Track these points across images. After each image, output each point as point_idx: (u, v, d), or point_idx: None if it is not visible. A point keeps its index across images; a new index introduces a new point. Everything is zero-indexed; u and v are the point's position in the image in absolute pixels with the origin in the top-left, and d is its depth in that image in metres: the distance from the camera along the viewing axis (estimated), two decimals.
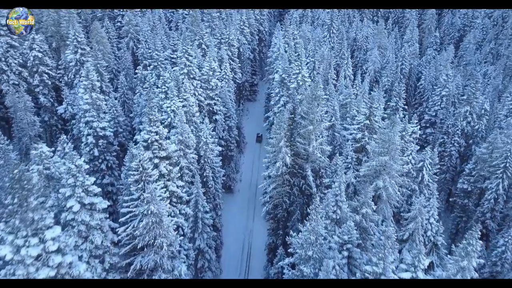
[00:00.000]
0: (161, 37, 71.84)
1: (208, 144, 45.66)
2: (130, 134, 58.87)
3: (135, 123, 55.75)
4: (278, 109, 59.22)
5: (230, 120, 65.29)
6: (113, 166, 50.89)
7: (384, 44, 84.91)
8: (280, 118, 39.60)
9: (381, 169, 39.04)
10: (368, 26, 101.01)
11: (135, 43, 78.45)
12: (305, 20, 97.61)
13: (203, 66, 60.31)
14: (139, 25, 79.14)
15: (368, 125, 44.26)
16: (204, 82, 59.72)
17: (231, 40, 76.02)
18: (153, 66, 61.65)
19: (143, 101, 54.32)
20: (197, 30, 71.40)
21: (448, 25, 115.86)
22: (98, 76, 56.10)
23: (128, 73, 69.19)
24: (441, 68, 76.88)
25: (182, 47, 56.30)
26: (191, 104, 48.24)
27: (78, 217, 29.02)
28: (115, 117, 53.55)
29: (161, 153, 35.54)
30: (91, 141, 47.73)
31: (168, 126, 46.40)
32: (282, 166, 40.29)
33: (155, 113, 34.67)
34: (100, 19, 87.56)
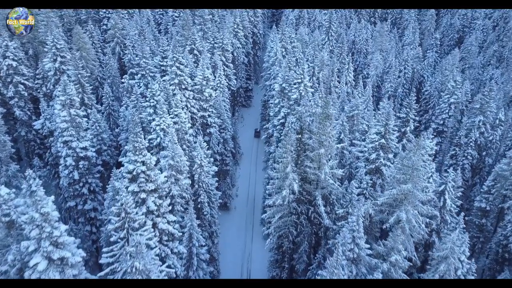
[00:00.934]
0: (150, 42, 65.77)
1: (203, 167, 39.83)
2: (116, 150, 52.88)
3: (121, 139, 49.72)
4: (278, 121, 53.52)
5: (225, 132, 59.51)
6: (96, 190, 44.89)
7: (386, 48, 79.60)
8: (287, 140, 33.91)
9: (402, 197, 33.65)
10: (367, 27, 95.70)
11: (122, 48, 72.16)
12: (301, 22, 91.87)
13: (196, 75, 54.37)
14: (126, 28, 72.83)
15: (383, 145, 38.79)
16: (197, 92, 53.83)
17: (225, 44, 70.13)
18: (141, 75, 55.57)
19: (129, 115, 48.29)
20: (189, 34, 65.38)
21: (447, 26, 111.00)
22: (79, 88, 49.97)
23: (114, 81, 63.03)
24: (447, 73, 71.81)
25: (173, 54, 50.33)
26: (183, 120, 42.37)
27: (45, 276, 23.08)
28: (98, 134, 47.47)
29: (148, 185, 29.68)
30: (70, 163, 41.69)
31: (157, 146, 40.51)
32: (289, 194, 34.65)
33: (140, 139, 28.79)
34: (85, 22, 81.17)
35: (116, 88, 62.36)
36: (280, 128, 53.64)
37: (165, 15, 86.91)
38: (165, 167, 36.06)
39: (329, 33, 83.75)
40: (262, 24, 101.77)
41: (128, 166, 28.95)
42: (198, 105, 54.05)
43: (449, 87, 66.01)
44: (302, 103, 50.69)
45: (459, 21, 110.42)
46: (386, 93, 73.98)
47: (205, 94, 53.81)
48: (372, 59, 78.72)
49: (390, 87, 73.84)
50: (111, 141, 52.05)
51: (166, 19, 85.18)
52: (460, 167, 56.90)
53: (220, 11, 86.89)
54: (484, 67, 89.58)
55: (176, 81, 50.51)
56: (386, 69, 76.92)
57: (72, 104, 40.88)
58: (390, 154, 39.69)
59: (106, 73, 63.04)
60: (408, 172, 32.86)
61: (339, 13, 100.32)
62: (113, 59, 69.14)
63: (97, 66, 65.76)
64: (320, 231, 38.70)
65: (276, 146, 53.54)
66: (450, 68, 71.85)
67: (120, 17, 75.39)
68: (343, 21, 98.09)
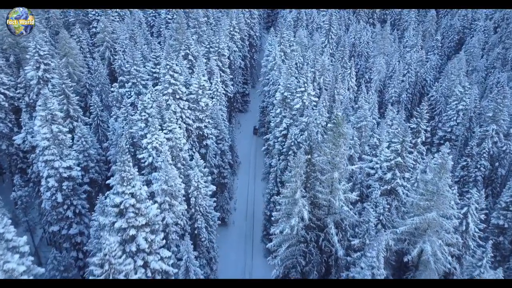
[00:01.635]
0: (141, 47, 61.22)
1: (199, 189, 35.52)
2: (105, 165, 48.40)
3: (110, 154, 45.24)
4: (280, 132, 49.27)
5: (222, 143, 55.18)
6: (82, 212, 40.40)
7: (388, 51, 75.60)
8: (296, 162, 29.69)
9: (425, 226, 29.65)
10: (367, 29, 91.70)
11: (112, 53, 67.50)
12: (300, 24, 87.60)
13: (191, 83, 50.00)
14: (116, 32, 68.19)
15: (399, 163, 34.73)
16: (193, 102, 49.45)
17: (221, 49, 65.73)
18: (132, 83, 51.09)
19: (118, 129, 43.82)
20: (183, 38, 60.88)
21: (447, 27, 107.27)
22: (64, 99, 45.37)
23: (104, 89, 58.32)
24: (453, 77, 67.96)
25: (166, 61, 45.88)
26: (177, 136, 37.98)
27: None
28: (84, 150, 42.94)
29: (139, 220, 25.34)
30: (53, 185, 37.18)
31: (149, 166, 36.11)
32: (298, 222, 30.46)
33: (129, 168, 24.43)
34: (74, 24, 76.35)
35: (106, 96, 57.74)
36: (282, 140, 49.47)
37: (158, 17, 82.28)
38: (158, 192, 31.73)
39: (329, 35, 79.65)
40: (258, 26, 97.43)
41: (114, 199, 24.58)
42: (193, 116, 49.70)
43: (456, 93, 62.14)
44: (305, 113, 46.58)
45: (459, 22, 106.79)
46: (390, 99, 70.04)
47: (201, 104, 49.46)
48: (374, 62, 74.74)
49: (394, 92, 69.92)
50: (100, 155, 47.55)
51: (159, 21, 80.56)
52: (472, 179, 53.17)
53: (215, 13, 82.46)
54: (487, 69, 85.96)
55: (170, 90, 46.11)
56: (389, 73, 72.92)
57: (54, 120, 36.35)
58: (406, 173, 35.68)
59: (95, 80, 58.34)
60: (432, 198, 28.88)
61: (338, 14, 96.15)
62: (102, 65, 64.48)
63: (85, 72, 61.07)
64: (330, 259, 34.59)
65: (278, 159, 49.43)
66: (457, 73, 68.00)
67: (110, 20, 70.61)
68: (342, 23, 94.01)
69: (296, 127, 47.15)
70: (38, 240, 48.54)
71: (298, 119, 48.25)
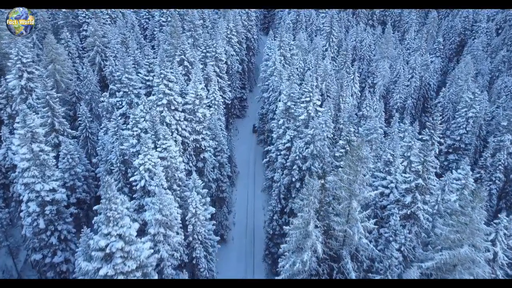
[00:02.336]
0: (134, 52, 56.90)
1: (198, 215, 31.47)
2: (94, 181, 44.25)
3: (99, 171, 41.04)
4: (283, 145, 45.28)
5: (221, 155, 51.20)
6: (68, 237, 36.24)
7: (391, 54, 71.82)
8: (309, 189, 25.71)
9: (456, 261, 25.84)
10: (368, 32, 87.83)
11: (103, 57, 63.15)
12: (299, 26, 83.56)
13: (187, 92, 45.90)
14: (107, 35, 63.82)
15: (420, 185, 30.92)
16: (189, 113, 45.37)
17: (219, 54, 61.61)
18: (123, 92, 46.88)
19: (108, 144, 39.62)
20: (178, 42, 56.71)
21: (447, 29, 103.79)
22: (49, 111, 41.12)
23: (93, 97, 54.11)
24: (460, 82, 64.35)
25: (160, 70, 41.71)
26: (173, 155, 33.88)
27: None
28: (71, 168, 38.75)
29: (128, 265, 21.28)
30: (34, 210, 33.00)
31: (141, 189, 31.98)
32: (311, 257, 26.54)
33: (115, 206, 20.34)
34: (63, 27, 71.92)
35: (96, 104, 53.54)
36: (286, 153, 45.48)
37: (152, 20, 77.93)
38: (151, 223, 27.67)
39: (330, 38, 75.74)
40: (256, 28, 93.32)
41: (99, 241, 20.49)
42: (190, 128, 45.64)
43: (466, 100, 58.49)
44: (311, 124, 42.58)
45: (460, 23, 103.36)
46: (394, 105, 66.32)
47: (198, 115, 45.39)
48: (378, 67, 70.95)
49: (399, 98, 66.19)
50: (88, 171, 43.37)
51: (153, 24, 76.22)
52: (487, 193, 49.56)
53: (211, 14, 78.32)
54: (492, 73, 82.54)
55: (164, 101, 41.98)
56: (393, 78, 69.15)
57: (34, 138, 32.13)
58: (427, 195, 31.89)
59: (84, 88, 54.05)
60: (464, 231, 25.06)
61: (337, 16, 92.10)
62: (93, 71, 60.28)
63: (74, 79, 56.75)
64: None
65: (282, 173, 45.47)
66: (464, 78, 64.42)
67: (101, 23, 66.16)
68: (342, 25, 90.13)
69: (301, 139, 43.16)
70: (21, 264, 44.24)
71: (302, 131, 44.26)
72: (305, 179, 28.33)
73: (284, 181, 44.13)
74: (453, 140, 59.83)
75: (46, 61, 51.87)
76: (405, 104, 67.12)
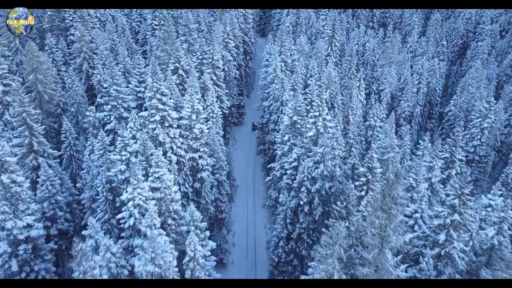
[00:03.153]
0: (124, 59, 51.77)
1: (197, 259, 26.58)
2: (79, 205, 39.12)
3: (84, 198, 36.00)
4: (289, 164, 40.51)
5: (220, 172, 46.39)
6: (46, 278, 31.17)
7: (397, 59, 67.24)
8: (333, 236, 20.94)
9: None
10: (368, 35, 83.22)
11: (91, 64, 57.87)
12: (299, 29, 78.71)
13: (183, 105, 40.98)
14: (95, 40, 58.56)
15: (456, 221, 26.28)
16: (185, 129, 40.43)
17: (216, 60, 56.59)
18: (112, 106, 41.81)
19: (94, 167, 34.60)
20: (172, 49, 51.69)
21: (449, 31, 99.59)
22: (26, 130, 35.96)
23: (80, 109, 48.90)
24: (472, 90, 60.00)
25: (152, 82, 36.69)
26: (167, 184, 28.92)
27: None
28: (51, 196, 33.64)
29: None
30: (5, 250, 27.95)
31: (130, 228, 27.02)
32: None
33: None
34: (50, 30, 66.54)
35: (83, 117, 48.37)
36: (292, 173, 40.77)
37: (144, 23, 72.65)
38: (141, 274, 22.77)
39: (332, 42, 71.03)
40: (253, 31, 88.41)
41: None
42: (186, 145, 40.71)
43: (480, 109, 54.16)
44: (320, 142, 37.85)
45: (463, 25, 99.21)
46: (402, 114, 61.82)
47: (195, 131, 40.47)
48: (383, 72, 66.36)
49: (408, 106, 61.68)
50: (72, 196, 38.25)
51: (145, 27, 70.97)
52: None
53: (206, 17, 73.24)
54: (498, 77, 78.40)
55: (157, 117, 36.97)
56: (400, 85, 64.63)
57: (4, 168, 27.06)
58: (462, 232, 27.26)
59: (69, 99, 48.88)
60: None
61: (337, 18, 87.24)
62: (80, 80, 55.24)
63: (59, 89, 51.60)
64: None
65: (288, 195, 40.72)
66: (476, 85, 60.08)
67: (89, 28, 60.82)
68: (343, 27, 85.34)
69: (310, 158, 38.44)
70: None
71: (311, 149, 39.51)
72: (328, 222, 23.52)
73: (291, 204, 39.45)
74: (466, 152, 55.46)
75: (27, 71, 46.64)
76: (413, 112, 62.66)
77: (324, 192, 38.63)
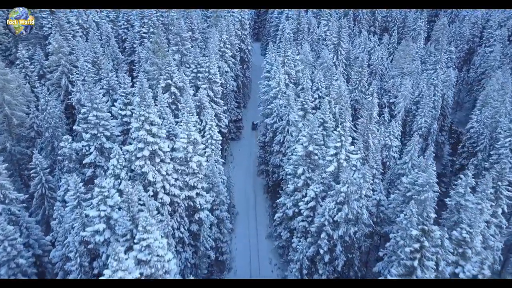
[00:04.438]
0: (107, 74, 44.30)
1: None
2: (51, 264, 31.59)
3: (55, 257, 28.55)
4: (306, 204, 33.48)
5: (220, 207, 39.34)
6: None
7: (410, 69, 60.64)
8: None
9: None
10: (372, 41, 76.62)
11: (70, 79, 50.27)
12: (300, 36, 71.69)
13: (177, 133, 33.83)
14: (75, 52, 50.93)
15: None
16: (180, 162, 33.24)
17: (213, 74, 49.39)
18: (91, 135, 34.38)
19: (68, 219, 27.24)
20: (163, 63, 44.36)
21: (455, 36, 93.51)
22: None
23: (56, 134, 41.52)
24: (496, 104, 53.61)
25: (139, 111, 29.41)
26: (159, 253, 21.68)
27: None
28: (10, 259, 26.16)
29: None
30: None
31: None
32: None
33: None
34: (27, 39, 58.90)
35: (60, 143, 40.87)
36: (309, 214, 33.75)
37: (131, 30, 65.00)
38: None
39: (338, 51, 64.24)
40: (250, 38, 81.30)
41: None
42: (181, 181, 33.52)
43: (510, 126, 47.72)
44: (343, 178, 30.95)
45: (468, 30, 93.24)
46: (418, 130, 55.22)
47: (191, 165, 33.24)
48: (395, 84, 59.66)
49: (424, 122, 55.08)
50: (43, 247, 30.80)
51: (132, 35, 63.31)
52: None
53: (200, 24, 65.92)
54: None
55: (146, 152, 29.70)
56: (415, 97, 57.99)
57: None
58: None
59: (43, 122, 41.37)
60: None
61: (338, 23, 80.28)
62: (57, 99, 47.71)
63: (33, 109, 44.06)
64: None
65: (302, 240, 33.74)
66: (500, 98, 53.70)
67: (68, 38, 53.14)
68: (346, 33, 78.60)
69: (331, 197, 31.52)
70: None
71: (332, 185, 32.60)
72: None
73: (309, 253, 32.48)
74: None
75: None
76: (430, 129, 56.12)
77: (348, 238, 31.84)
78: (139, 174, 30.56)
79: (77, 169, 34.94)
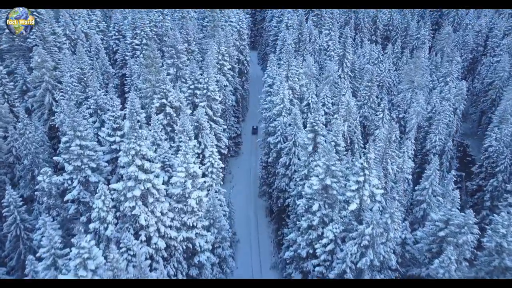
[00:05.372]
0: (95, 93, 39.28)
1: None
2: None
3: None
4: (323, 247, 28.66)
5: (222, 245, 34.50)
6: None
7: (421, 83, 56.29)
8: None
9: None
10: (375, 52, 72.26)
11: (54, 96, 45.18)
12: (302, 46, 67.11)
13: (174, 166, 28.98)
14: (61, 67, 45.92)
15: None
16: (178, 199, 28.37)
17: (212, 91, 44.61)
18: (74, 167, 29.37)
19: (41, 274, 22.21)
20: (157, 80, 39.51)
21: (458, 45, 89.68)
22: None
23: (36, 161, 36.49)
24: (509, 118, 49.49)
25: (129, 143, 24.55)
26: None
27: None
28: None
29: None
30: None
31: None
32: None
33: None
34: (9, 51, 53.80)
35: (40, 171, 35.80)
36: (327, 258, 28.93)
37: (122, 41, 60.02)
38: None
39: (343, 63, 59.81)
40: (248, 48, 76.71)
41: None
42: (178, 221, 28.63)
43: None
44: (366, 218, 26.30)
45: (472, 39, 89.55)
46: (432, 149, 50.89)
47: (190, 202, 28.38)
48: (405, 98, 55.35)
49: (439, 140, 50.70)
50: None
51: (123, 46, 58.33)
52: None
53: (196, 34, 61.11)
54: None
55: (137, 192, 24.83)
56: (428, 113, 53.68)
57: None
58: None
59: (22, 148, 36.33)
60: None
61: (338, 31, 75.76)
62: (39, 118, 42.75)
63: (11, 131, 38.98)
64: None
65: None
66: None
67: (53, 51, 48.13)
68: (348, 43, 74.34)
69: (353, 240, 26.83)
70: None
71: (354, 225, 27.90)
72: None
73: None
74: None
75: None
76: (445, 147, 51.77)
77: None
78: (128, 215, 25.67)
79: (58, 205, 29.93)
